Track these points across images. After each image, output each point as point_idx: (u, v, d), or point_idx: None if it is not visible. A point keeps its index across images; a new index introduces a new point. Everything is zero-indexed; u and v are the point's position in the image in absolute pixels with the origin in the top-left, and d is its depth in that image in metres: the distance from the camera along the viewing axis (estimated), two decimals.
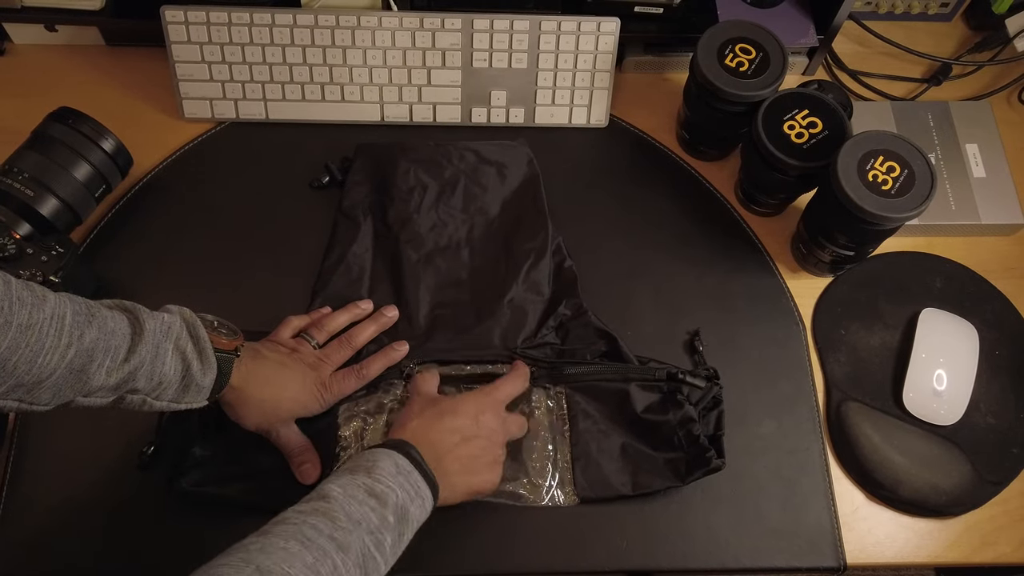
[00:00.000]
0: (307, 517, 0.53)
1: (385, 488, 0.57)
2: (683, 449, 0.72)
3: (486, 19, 0.84)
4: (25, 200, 0.72)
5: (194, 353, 0.60)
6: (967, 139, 0.89)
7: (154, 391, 0.59)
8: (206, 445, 0.70)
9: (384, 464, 0.59)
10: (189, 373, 0.60)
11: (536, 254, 0.79)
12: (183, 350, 0.60)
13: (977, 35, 0.98)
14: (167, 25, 0.83)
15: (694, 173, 0.88)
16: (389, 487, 0.57)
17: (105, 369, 0.55)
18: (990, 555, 0.73)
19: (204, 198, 0.84)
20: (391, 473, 0.59)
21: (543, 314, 0.77)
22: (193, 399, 0.62)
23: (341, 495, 0.55)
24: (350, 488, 0.56)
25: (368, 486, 0.57)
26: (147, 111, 0.88)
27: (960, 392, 0.77)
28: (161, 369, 0.58)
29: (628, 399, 0.73)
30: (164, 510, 0.70)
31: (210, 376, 0.61)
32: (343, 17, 0.83)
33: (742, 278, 0.83)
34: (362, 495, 0.56)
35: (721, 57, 0.78)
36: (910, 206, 0.70)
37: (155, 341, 0.58)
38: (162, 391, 0.59)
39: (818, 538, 0.72)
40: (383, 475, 0.58)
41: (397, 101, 0.87)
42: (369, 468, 0.58)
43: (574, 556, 0.70)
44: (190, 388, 0.61)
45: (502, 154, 0.85)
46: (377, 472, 0.58)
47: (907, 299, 0.82)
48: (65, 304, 0.54)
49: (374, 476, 0.58)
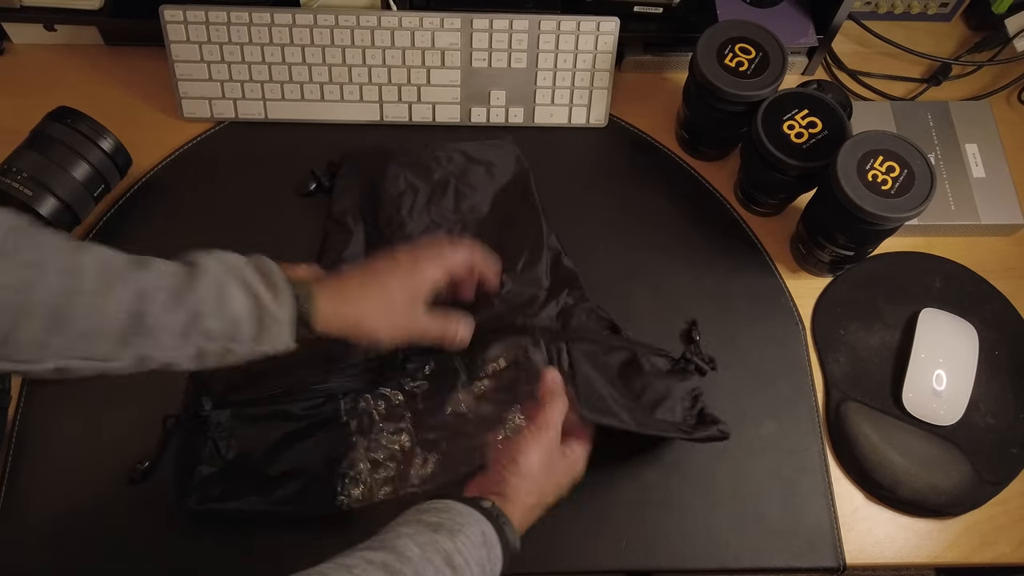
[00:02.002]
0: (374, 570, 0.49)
1: (463, 562, 0.52)
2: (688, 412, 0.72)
3: (485, 19, 0.84)
4: (24, 200, 0.72)
5: (262, 285, 0.57)
6: (967, 139, 0.89)
7: (230, 335, 0.56)
8: (213, 463, 0.70)
9: (471, 532, 0.54)
10: (261, 306, 0.56)
11: (531, 249, 0.79)
12: (249, 283, 0.57)
13: (977, 35, 0.98)
14: (166, 25, 0.83)
15: (693, 173, 0.88)
16: (466, 562, 0.52)
17: (163, 306, 0.53)
18: (990, 555, 0.73)
19: (203, 198, 0.84)
20: (476, 544, 0.53)
21: (544, 301, 0.77)
22: (277, 338, 0.58)
23: (418, 557, 0.50)
24: (428, 551, 0.51)
25: (447, 555, 0.52)
26: (146, 111, 0.88)
27: (960, 392, 0.77)
28: (230, 306, 0.55)
29: (635, 361, 0.74)
30: (164, 512, 0.69)
31: (286, 307, 0.58)
32: (342, 17, 0.83)
33: (741, 278, 0.83)
34: (439, 561, 0.51)
35: (721, 57, 0.78)
36: (910, 206, 0.70)
37: (215, 276, 0.56)
38: (239, 333, 0.56)
39: (818, 538, 0.72)
40: (466, 545, 0.53)
41: (396, 101, 0.87)
42: (454, 531, 0.53)
43: (574, 556, 0.70)
44: (267, 325, 0.57)
45: (490, 153, 0.85)
46: (461, 539, 0.53)
47: (907, 299, 0.82)
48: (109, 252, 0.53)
49: (457, 542, 0.52)
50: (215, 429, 0.71)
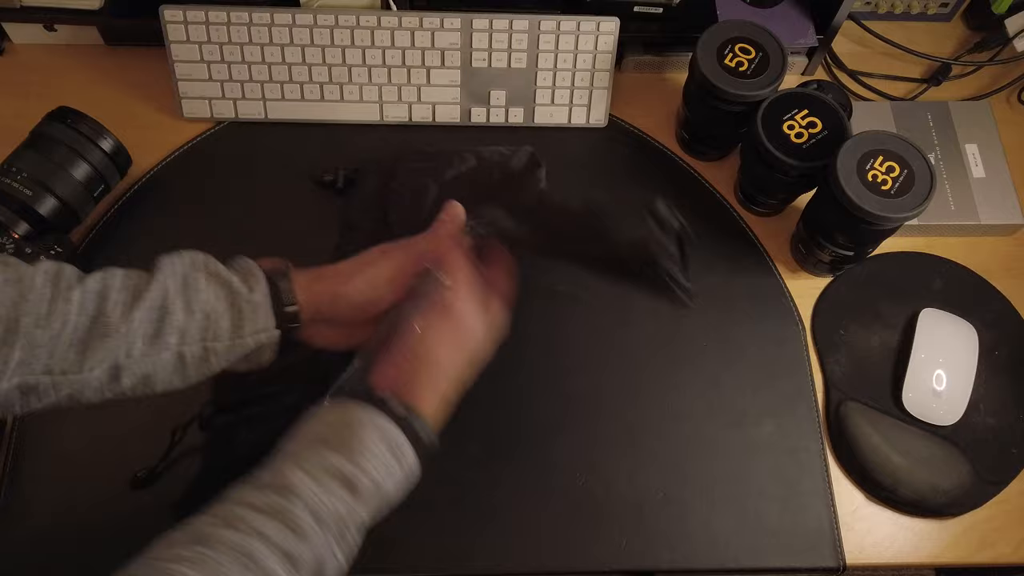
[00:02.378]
0: (262, 523, 0.45)
1: (366, 481, 0.47)
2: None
3: (485, 19, 0.84)
4: (24, 200, 0.72)
5: (232, 272, 0.54)
6: (966, 139, 0.89)
7: (206, 331, 0.52)
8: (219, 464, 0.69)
9: (370, 440, 0.48)
10: (234, 292, 0.53)
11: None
12: (216, 272, 0.54)
13: (976, 35, 0.98)
14: (166, 25, 0.83)
15: (693, 173, 0.88)
16: (371, 478, 0.47)
17: (125, 305, 0.50)
18: (989, 555, 0.73)
19: (203, 198, 0.84)
20: (378, 453, 0.48)
21: None
22: (257, 325, 0.54)
23: (310, 490, 0.46)
24: (320, 476, 0.46)
25: (343, 475, 0.47)
26: (146, 111, 0.88)
27: (959, 392, 0.77)
28: (198, 297, 0.52)
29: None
30: (166, 514, 0.69)
31: (260, 290, 0.54)
32: (342, 17, 0.83)
33: (741, 278, 0.83)
34: (334, 485, 0.46)
35: (721, 57, 0.78)
36: (910, 206, 0.70)
37: (178, 271, 0.53)
38: (216, 327, 0.53)
39: (817, 538, 0.72)
40: (366, 458, 0.48)
41: (396, 101, 0.87)
42: (350, 442, 0.48)
43: (574, 556, 0.70)
44: (245, 313, 0.53)
45: (505, 155, 0.85)
46: (359, 452, 0.48)
47: (906, 299, 0.82)
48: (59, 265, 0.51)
49: (355, 460, 0.47)
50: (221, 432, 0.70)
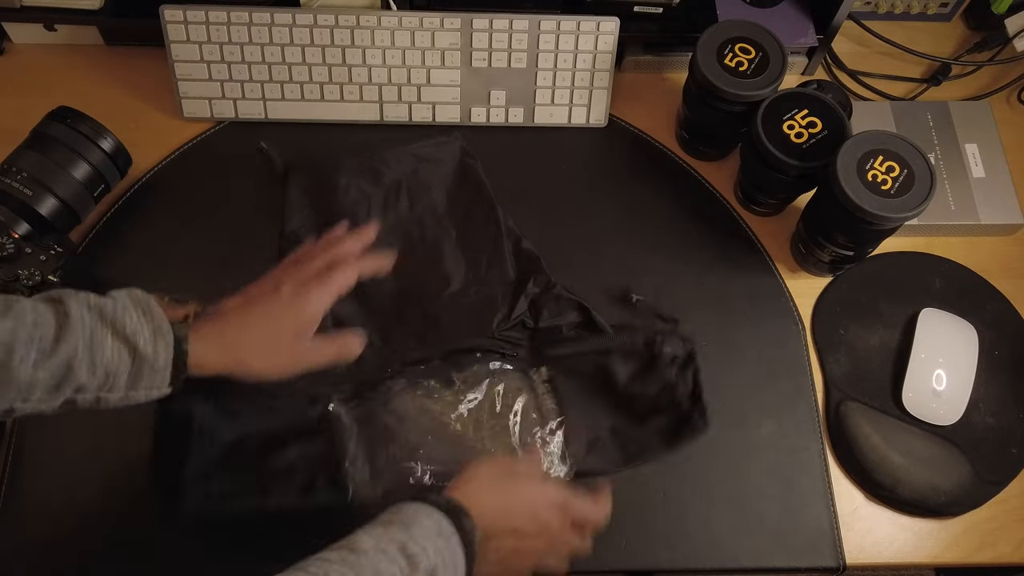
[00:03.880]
0: (331, 567, 0.49)
1: (419, 550, 0.52)
2: (665, 415, 0.73)
3: (485, 18, 0.84)
4: (24, 200, 0.72)
5: (142, 330, 0.55)
6: (966, 139, 0.89)
7: (104, 385, 0.54)
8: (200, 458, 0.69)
9: (425, 523, 0.54)
10: (136, 353, 0.55)
11: (492, 240, 0.80)
12: (124, 331, 0.54)
13: (976, 35, 0.98)
14: (166, 24, 0.83)
15: (693, 173, 0.88)
16: (423, 548, 0.52)
17: (31, 363, 0.51)
18: (989, 555, 0.73)
19: (203, 198, 0.84)
20: (430, 534, 0.54)
21: (513, 295, 0.78)
22: (152, 383, 0.56)
23: (372, 548, 0.51)
24: (383, 542, 0.52)
25: (402, 543, 0.52)
26: (146, 111, 0.88)
27: (959, 392, 0.77)
28: (102, 357, 0.53)
29: (610, 373, 0.74)
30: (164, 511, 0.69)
31: (164, 351, 0.56)
32: (342, 16, 0.83)
33: (741, 278, 0.83)
34: (394, 551, 0.52)
35: (720, 57, 0.78)
36: (910, 206, 0.70)
37: (87, 328, 0.54)
38: (112, 383, 0.55)
39: (817, 538, 0.72)
40: (420, 534, 0.53)
41: (396, 101, 0.87)
42: (407, 523, 0.54)
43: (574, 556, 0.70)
44: (143, 371, 0.55)
45: (438, 151, 0.85)
46: (415, 529, 0.53)
47: (906, 299, 0.82)
48: None
49: (411, 533, 0.53)
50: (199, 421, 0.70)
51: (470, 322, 0.76)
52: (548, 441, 0.73)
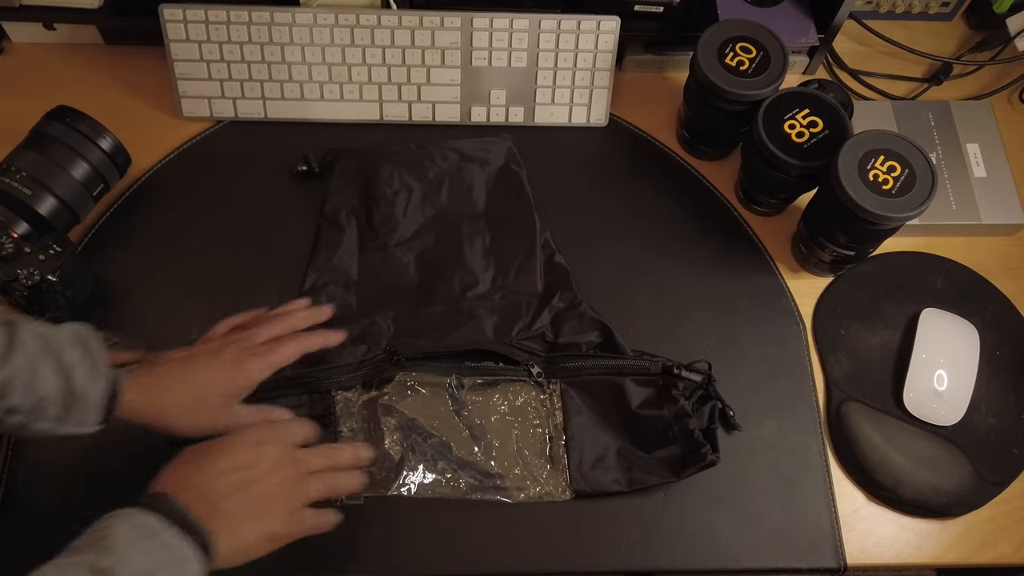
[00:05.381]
0: None
1: (113, 562, 0.48)
2: (677, 444, 0.72)
3: (485, 18, 0.84)
4: (23, 199, 0.72)
5: (81, 365, 0.56)
6: (968, 139, 0.88)
7: (34, 410, 0.55)
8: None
9: (119, 531, 0.49)
10: (71, 386, 0.56)
11: (526, 249, 0.79)
12: (64, 363, 0.56)
13: (978, 34, 0.98)
14: (165, 24, 0.83)
15: (694, 172, 0.88)
16: (119, 559, 0.48)
17: None
18: (990, 556, 0.73)
19: (203, 197, 0.84)
20: (128, 540, 0.49)
21: (537, 307, 0.77)
22: (82, 419, 0.57)
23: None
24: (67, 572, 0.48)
25: (91, 564, 0.47)
26: (145, 110, 0.88)
27: (961, 392, 0.76)
28: (40, 383, 0.55)
29: (623, 394, 0.74)
30: None
31: (98, 390, 0.57)
32: (342, 16, 0.83)
33: (742, 278, 0.83)
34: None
35: (721, 56, 0.78)
36: (911, 206, 0.70)
37: (30, 353, 0.55)
38: (42, 410, 0.55)
39: (818, 539, 0.72)
40: (116, 544, 0.49)
41: (396, 100, 0.87)
42: (99, 541, 0.49)
43: (573, 556, 0.70)
44: (74, 406, 0.56)
45: (485, 151, 0.85)
46: (108, 542, 0.49)
47: (907, 299, 0.82)
48: None
49: (103, 549, 0.48)
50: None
51: (490, 326, 0.76)
52: (552, 454, 0.73)
